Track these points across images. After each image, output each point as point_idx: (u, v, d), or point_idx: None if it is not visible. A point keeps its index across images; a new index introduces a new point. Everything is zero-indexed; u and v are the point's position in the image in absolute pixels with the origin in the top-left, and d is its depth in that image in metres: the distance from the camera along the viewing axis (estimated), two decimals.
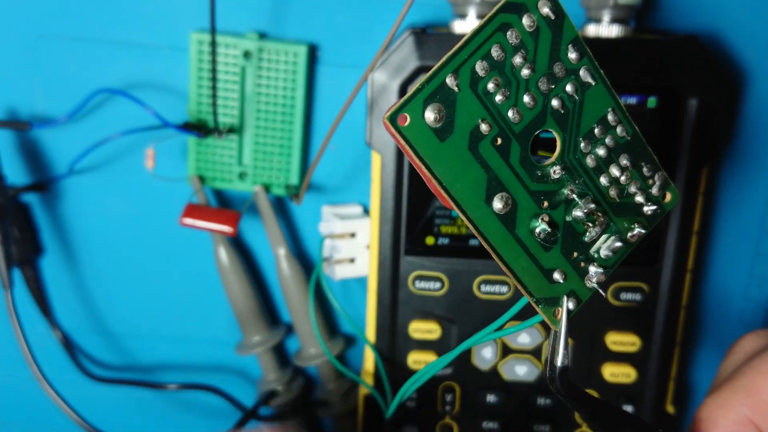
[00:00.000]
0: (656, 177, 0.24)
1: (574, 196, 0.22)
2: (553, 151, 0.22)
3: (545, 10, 0.21)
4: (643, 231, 0.24)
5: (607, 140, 0.23)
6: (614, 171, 0.23)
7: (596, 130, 0.23)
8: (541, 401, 0.36)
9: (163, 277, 0.40)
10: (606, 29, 0.31)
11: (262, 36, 0.35)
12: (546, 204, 0.22)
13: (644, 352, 0.35)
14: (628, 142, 0.23)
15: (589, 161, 0.23)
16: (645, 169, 0.24)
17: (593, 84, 0.22)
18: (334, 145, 0.37)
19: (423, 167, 0.20)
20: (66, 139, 0.37)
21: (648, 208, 0.24)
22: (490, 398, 0.36)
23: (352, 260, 0.37)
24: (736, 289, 0.38)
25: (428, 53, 0.31)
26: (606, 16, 0.31)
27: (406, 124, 0.19)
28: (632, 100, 0.32)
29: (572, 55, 0.21)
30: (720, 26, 0.35)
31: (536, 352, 0.35)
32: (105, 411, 0.42)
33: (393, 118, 0.19)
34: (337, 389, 0.39)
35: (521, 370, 0.35)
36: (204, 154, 0.36)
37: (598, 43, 0.31)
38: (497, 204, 0.21)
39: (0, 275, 0.35)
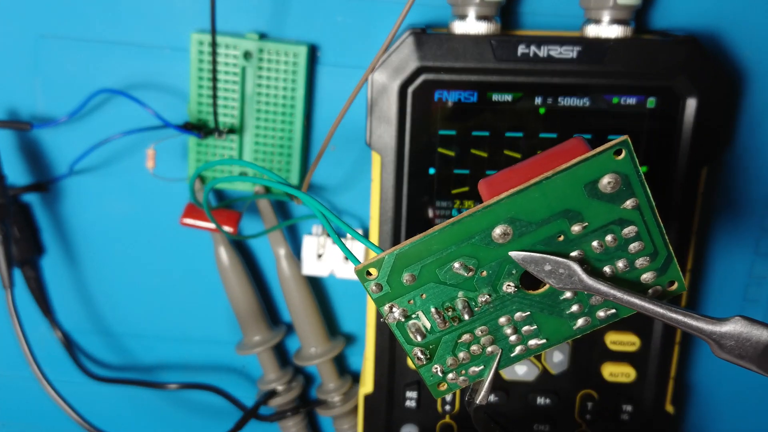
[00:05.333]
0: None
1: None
2: None
3: None
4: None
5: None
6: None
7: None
8: (541, 401, 0.36)
9: (163, 277, 0.40)
10: (606, 30, 0.32)
11: (263, 36, 0.36)
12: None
13: (643, 351, 0.35)
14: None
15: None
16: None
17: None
18: (334, 146, 0.37)
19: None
20: (66, 140, 0.38)
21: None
22: (490, 398, 0.36)
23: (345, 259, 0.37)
24: (735, 288, 0.38)
25: (428, 54, 0.31)
26: (606, 17, 0.32)
27: None
28: (632, 101, 0.32)
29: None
30: (720, 26, 0.35)
31: None
32: (105, 411, 0.42)
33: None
34: (337, 389, 0.39)
35: (521, 370, 0.35)
36: (204, 154, 0.37)
37: (597, 43, 0.31)
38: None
39: (0, 275, 0.35)
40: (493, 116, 0.32)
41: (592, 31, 0.32)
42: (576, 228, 0.23)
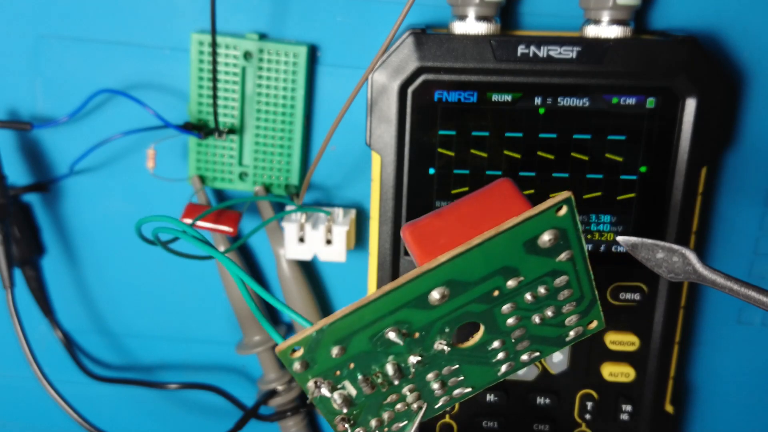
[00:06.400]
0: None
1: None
2: None
3: None
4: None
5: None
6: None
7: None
8: (541, 400, 0.36)
9: (163, 277, 0.40)
10: (605, 30, 0.32)
11: (263, 37, 0.36)
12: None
13: (643, 351, 0.35)
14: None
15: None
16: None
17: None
18: (334, 146, 0.37)
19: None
20: (67, 140, 0.38)
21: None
22: (490, 398, 0.36)
23: (329, 242, 0.36)
24: None
25: (428, 54, 0.31)
26: (605, 17, 0.32)
27: None
28: (631, 101, 0.32)
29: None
30: (720, 26, 0.35)
31: None
32: (105, 410, 0.42)
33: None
34: None
35: (520, 370, 0.35)
36: (204, 154, 0.37)
37: (597, 43, 0.31)
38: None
39: (1, 275, 0.35)
40: (493, 116, 0.32)
41: (591, 31, 0.32)
42: (511, 283, 0.22)
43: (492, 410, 0.36)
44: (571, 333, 0.25)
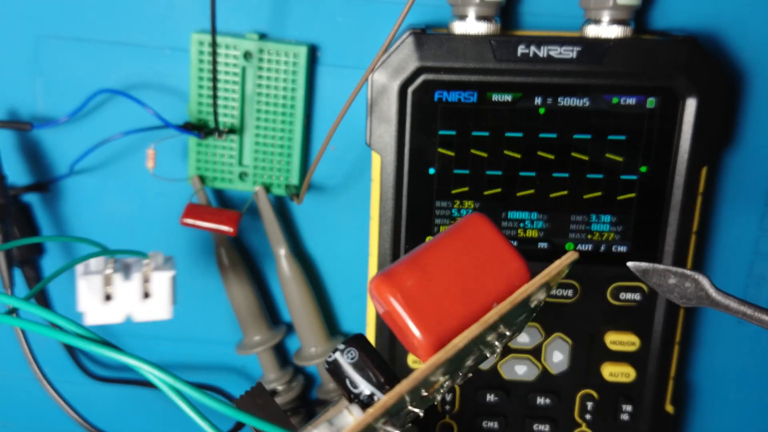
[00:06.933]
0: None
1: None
2: None
3: None
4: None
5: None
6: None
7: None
8: (541, 400, 0.36)
9: None
10: (605, 30, 0.32)
11: (263, 37, 0.36)
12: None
13: (643, 351, 0.35)
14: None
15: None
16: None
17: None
18: (335, 146, 0.37)
19: None
20: (67, 140, 0.38)
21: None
22: (490, 398, 0.36)
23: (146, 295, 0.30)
24: (734, 288, 0.38)
25: (428, 54, 0.31)
26: (605, 17, 0.32)
27: None
28: (632, 101, 0.32)
29: None
30: (720, 26, 0.35)
31: (536, 352, 0.35)
32: (105, 410, 0.42)
33: None
34: (338, 389, 0.39)
35: (521, 370, 0.35)
36: (204, 154, 0.37)
37: (597, 43, 0.31)
38: None
39: (1, 275, 0.35)
40: (493, 116, 0.32)
41: (591, 31, 0.32)
42: (491, 337, 0.21)
43: (492, 410, 0.36)
44: (493, 356, 0.24)
